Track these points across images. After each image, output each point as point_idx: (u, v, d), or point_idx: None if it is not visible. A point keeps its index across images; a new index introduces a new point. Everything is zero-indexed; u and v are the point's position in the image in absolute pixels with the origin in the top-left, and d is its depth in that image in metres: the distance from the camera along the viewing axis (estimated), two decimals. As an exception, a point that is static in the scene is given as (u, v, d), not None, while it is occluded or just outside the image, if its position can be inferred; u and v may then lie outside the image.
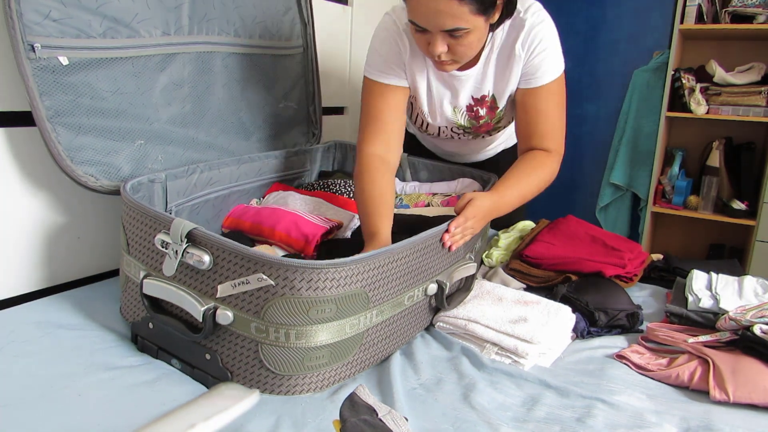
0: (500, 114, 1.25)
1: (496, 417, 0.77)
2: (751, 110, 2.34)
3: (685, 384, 0.86)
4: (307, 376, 0.80)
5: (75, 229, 1.14)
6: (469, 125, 1.27)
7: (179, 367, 0.85)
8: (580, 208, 3.11)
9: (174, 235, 0.80)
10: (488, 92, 1.20)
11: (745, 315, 0.94)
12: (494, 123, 1.28)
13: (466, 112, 1.25)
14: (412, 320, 0.95)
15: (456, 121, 1.27)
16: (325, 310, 0.77)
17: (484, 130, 1.30)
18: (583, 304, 1.05)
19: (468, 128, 1.28)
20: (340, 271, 0.77)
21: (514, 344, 0.91)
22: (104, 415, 0.73)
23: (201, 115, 1.23)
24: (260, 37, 1.35)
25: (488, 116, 1.25)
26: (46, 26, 0.93)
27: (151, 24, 1.09)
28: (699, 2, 2.34)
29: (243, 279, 0.75)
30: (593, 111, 2.98)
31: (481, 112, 1.24)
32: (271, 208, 1.19)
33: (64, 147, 0.97)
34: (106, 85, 1.03)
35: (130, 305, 0.94)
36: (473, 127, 1.28)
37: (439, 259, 0.96)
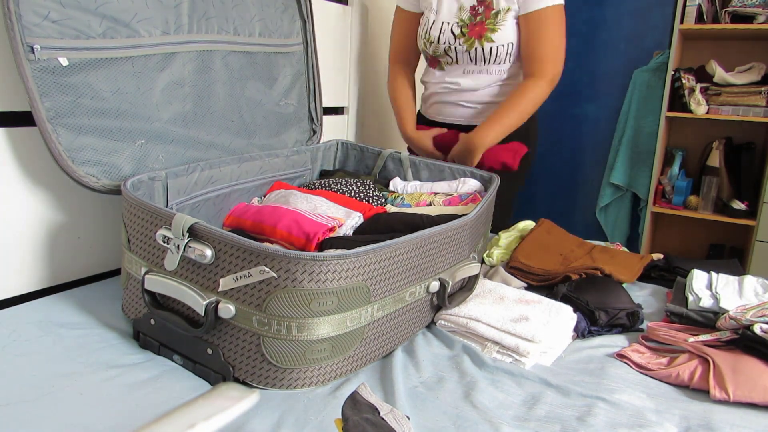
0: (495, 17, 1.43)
1: (497, 416, 0.77)
2: (751, 110, 2.34)
3: (686, 383, 0.86)
4: (309, 370, 0.81)
5: (76, 228, 1.14)
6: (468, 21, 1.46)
7: (181, 363, 0.85)
8: (580, 208, 3.11)
9: (176, 229, 0.80)
10: None
11: (746, 314, 0.94)
12: (488, 26, 1.44)
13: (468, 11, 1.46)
14: (414, 317, 0.96)
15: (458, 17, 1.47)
16: (327, 302, 0.77)
17: (477, 32, 1.45)
18: (584, 303, 1.05)
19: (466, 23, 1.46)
20: (342, 264, 0.77)
21: (516, 343, 0.91)
22: (106, 413, 0.73)
23: (202, 114, 1.23)
24: (260, 35, 1.36)
25: (483, 15, 1.44)
26: (45, 27, 0.93)
27: (150, 23, 1.09)
28: (699, 2, 2.34)
29: (245, 272, 0.76)
30: (593, 111, 2.98)
31: (480, 10, 1.44)
32: (272, 207, 1.19)
33: (65, 147, 0.97)
34: (107, 86, 1.03)
35: (131, 302, 0.94)
36: (470, 24, 1.45)
37: (442, 257, 0.96)
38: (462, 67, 1.53)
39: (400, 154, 1.51)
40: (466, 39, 1.46)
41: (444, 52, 1.51)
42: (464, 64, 1.52)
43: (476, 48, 1.46)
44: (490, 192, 1.23)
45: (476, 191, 1.39)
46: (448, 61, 1.53)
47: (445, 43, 1.49)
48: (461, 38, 1.47)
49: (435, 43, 1.50)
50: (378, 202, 1.36)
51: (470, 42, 1.46)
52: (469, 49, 1.47)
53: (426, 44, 1.54)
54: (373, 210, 1.28)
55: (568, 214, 3.14)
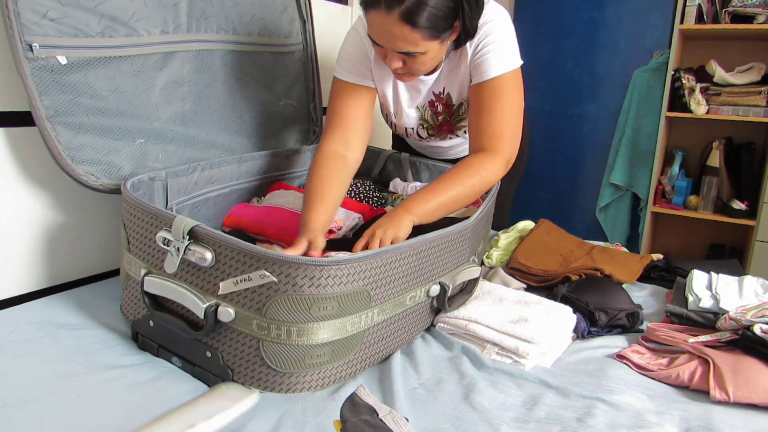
0: (457, 112, 1.27)
1: (496, 417, 0.77)
2: (751, 110, 2.34)
3: (686, 384, 0.86)
4: (308, 374, 0.80)
5: (75, 228, 1.14)
6: (432, 122, 1.31)
7: (180, 365, 0.85)
8: (580, 208, 3.11)
9: (176, 232, 0.80)
10: (443, 89, 1.24)
11: (746, 315, 0.94)
12: (455, 121, 1.30)
13: (428, 107, 1.29)
14: (414, 320, 0.95)
15: (421, 118, 1.31)
16: (327, 307, 0.77)
17: (446, 129, 1.32)
18: (584, 304, 1.05)
19: (431, 124, 1.32)
20: (343, 269, 0.77)
21: (515, 344, 0.91)
22: (105, 415, 0.73)
23: (201, 113, 1.23)
24: (259, 34, 1.35)
25: (446, 113, 1.28)
26: (43, 26, 0.92)
27: (149, 22, 1.09)
28: (699, 2, 2.34)
29: (245, 276, 0.75)
30: (593, 111, 2.98)
31: (438, 108, 1.28)
32: (271, 207, 1.19)
33: (64, 146, 0.97)
34: (106, 84, 1.03)
35: (130, 303, 0.94)
36: (435, 125, 1.32)
37: (442, 261, 0.96)
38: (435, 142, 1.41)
39: (400, 155, 1.51)
40: (437, 135, 1.35)
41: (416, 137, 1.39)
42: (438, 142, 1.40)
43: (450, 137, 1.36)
44: (490, 195, 1.23)
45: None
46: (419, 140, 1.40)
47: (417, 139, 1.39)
48: (432, 136, 1.35)
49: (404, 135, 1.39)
50: (378, 203, 1.35)
51: (443, 136, 1.36)
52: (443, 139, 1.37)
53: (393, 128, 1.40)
54: (372, 211, 1.28)
55: (568, 214, 3.14)
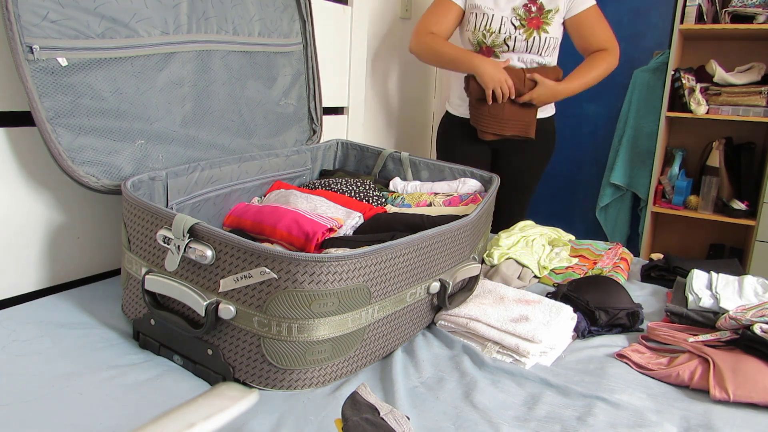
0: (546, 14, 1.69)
1: (497, 416, 0.77)
2: (751, 110, 2.34)
3: (686, 383, 0.86)
4: (309, 371, 0.81)
5: (76, 228, 1.14)
6: (524, 15, 1.68)
7: (181, 363, 0.85)
8: (580, 208, 3.11)
9: (176, 230, 0.80)
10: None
11: (746, 314, 0.94)
12: (543, 20, 1.68)
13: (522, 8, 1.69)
14: (414, 318, 0.95)
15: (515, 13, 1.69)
16: (327, 303, 0.77)
17: (535, 24, 1.68)
18: (584, 303, 1.05)
19: (524, 17, 1.68)
20: (343, 265, 0.77)
21: (516, 343, 0.91)
22: (106, 414, 0.73)
23: (201, 113, 1.23)
24: (259, 34, 1.35)
25: (537, 11, 1.68)
26: (44, 27, 0.93)
27: (149, 23, 1.09)
28: (699, 2, 2.34)
29: (246, 273, 0.75)
30: (593, 111, 2.98)
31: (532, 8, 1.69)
32: (272, 207, 1.19)
33: (65, 147, 0.97)
34: (106, 86, 1.03)
35: (131, 302, 0.94)
36: (527, 18, 1.68)
37: (442, 258, 0.96)
38: (517, 54, 1.71)
39: (400, 154, 1.51)
40: (525, 29, 1.68)
41: (503, 41, 1.70)
42: (519, 53, 1.71)
43: (534, 37, 1.68)
44: (490, 192, 1.23)
45: (476, 191, 1.39)
46: (504, 49, 1.71)
47: (506, 33, 1.69)
48: (521, 29, 1.68)
49: (496, 33, 1.69)
50: (378, 202, 1.36)
51: (530, 32, 1.68)
52: (528, 38, 1.69)
53: (485, 35, 1.70)
54: (373, 210, 1.28)
55: (568, 214, 3.14)
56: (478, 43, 1.74)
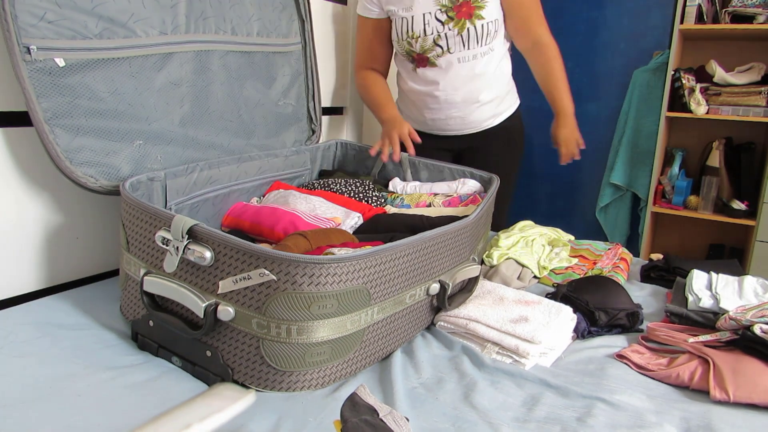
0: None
1: (496, 417, 0.77)
2: (751, 110, 2.34)
3: (686, 384, 0.86)
4: (308, 373, 0.80)
5: (74, 229, 1.14)
6: (450, 4, 1.41)
7: (180, 364, 0.85)
8: (580, 208, 3.10)
9: (175, 231, 0.80)
10: None
11: (746, 315, 0.93)
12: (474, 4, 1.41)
13: None
14: (413, 319, 0.95)
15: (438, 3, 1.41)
16: (327, 305, 0.77)
17: (465, 12, 1.41)
18: (584, 303, 1.05)
19: (450, 7, 1.41)
20: (342, 267, 0.77)
21: (515, 344, 0.91)
22: (104, 415, 0.72)
23: (200, 114, 1.23)
24: (258, 34, 1.35)
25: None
26: (41, 28, 0.92)
27: (147, 24, 1.08)
28: (699, 2, 2.34)
29: (245, 274, 0.75)
30: (593, 111, 2.98)
31: None
32: (270, 208, 1.19)
33: (63, 148, 0.97)
34: (104, 86, 1.03)
35: (130, 303, 0.94)
36: (454, 6, 1.41)
37: (442, 260, 0.96)
38: (456, 55, 1.46)
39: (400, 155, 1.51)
40: (455, 22, 1.41)
41: (433, 42, 1.43)
42: (457, 51, 1.45)
43: (468, 29, 1.42)
44: (489, 193, 1.23)
45: (476, 192, 1.38)
46: (439, 52, 1.45)
47: (433, 32, 1.42)
48: (450, 23, 1.41)
49: (422, 36, 1.42)
50: (377, 202, 1.35)
51: (461, 24, 1.41)
52: (460, 31, 1.42)
53: (411, 42, 1.45)
54: (372, 210, 1.28)
55: (568, 214, 3.14)
56: (407, 53, 1.50)
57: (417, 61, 1.51)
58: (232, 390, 0.79)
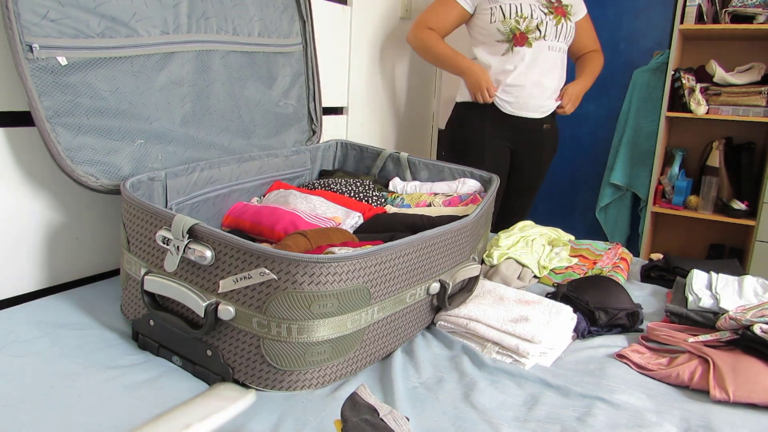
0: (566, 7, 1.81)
1: (496, 416, 0.77)
2: (751, 110, 2.34)
3: (686, 383, 0.86)
4: (309, 372, 0.80)
5: (75, 228, 1.14)
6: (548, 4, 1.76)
7: (180, 364, 0.85)
8: (580, 208, 3.10)
9: (175, 230, 0.80)
10: None
11: (746, 314, 0.93)
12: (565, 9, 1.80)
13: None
14: (414, 318, 0.95)
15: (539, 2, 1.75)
16: (327, 304, 0.77)
17: (561, 11, 1.79)
18: (584, 303, 1.05)
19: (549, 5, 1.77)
20: (342, 266, 0.77)
21: (515, 343, 0.91)
22: (105, 414, 0.73)
23: (201, 113, 1.23)
24: (259, 34, 1.35)
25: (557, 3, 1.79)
26: (43, 26, 0.92)
27: (149, 23, 1.09)
28: (699, 2, 2.34)
29: (245, 274, 0.75)
30: (593, 111, 2.98)
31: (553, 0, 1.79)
32: (270, 207, 1.19)
33: (64, 147, 0.97)
34: (106, 85, 1.03)
35: (130, 303, 0.94)
36: (552, 6, 1.77)
37: (442, 259, 0.96)
38: (548, 42, 1.77)
39: (399, 154, 1.51)
40: (554, 15, 1.76)
41: (536, 26, 1.74)
42: (549, 39, 1.77)
43: (562, 24, 1.77)
44: (489, 193, 1.23)
45: (476, 192, 1.38)
46: (537, 36, 1.74)
47: (537, 18, 1.74)
48: (550, 15, 1.76)
49: (529, 18, 1.73)
50: (377, 202, 1.36)
51: (558, 18, 1.77)
52: (557, 23, 1.77)
53: (518, 21, 1.73)
54: (372, 210, 1.28)
55: (568, 214, 3.14)
56: (510, 31, 1.75)
57: (517, 39, 1.75)
58: (232, 390, 0.79)
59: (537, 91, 1.80)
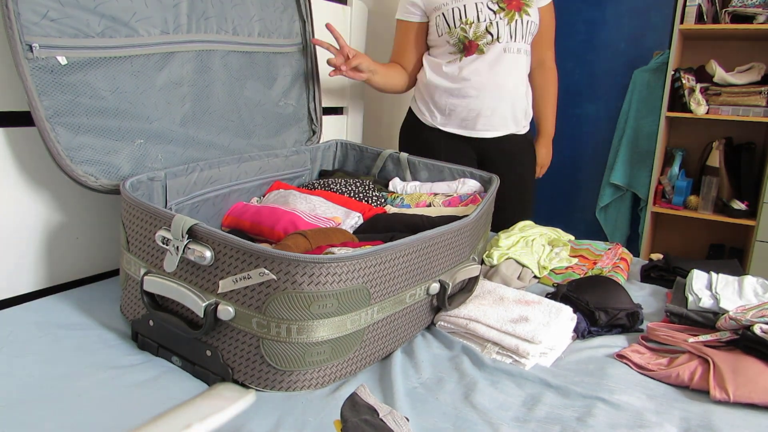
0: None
1: (496, 416, 0.77)
2: (751, 110, 2.34)
3: (686, 383, 0.86)
4: (308, 372, 0.80)
5: (74, 228, 1.14)
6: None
7: (180, 364, 0.85)
8: (580, 208, 3.10)
9: (175, 231, 0.80)
10: None
11: (746, 315, 0.93)
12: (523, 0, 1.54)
13: None
14: (413, 319, 0.95)
15: None
16: (327, 305, 0.77)
17: (515, 4, 1.53)
18: (584, 303, 1.05)
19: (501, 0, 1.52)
20: (342, 266, 0.77)
21: (515, 344, 0.91)
22: (105, 415, 0.73)
23: (201, 113, 1.23)
24: (259, 34, 1.35)
25: None
26: (43, 26, 0.92)
27: (149, 23, 1.09)
28: (699, 2, 2.34)
29: (244, 274, 0.75)
30: (593, 111, 2.98)
31: None
32: (270, 207, 1.19)
33: (64, 146, 0.97)
34: (105, 85, 1.03)
35: (130, 303, 0.94)
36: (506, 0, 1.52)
37: (442, 259, 0.96)
38: (503, 44, 1.55)
39: (399, 155, 1.51)
40: (506, 12, 1.52)
41: (485, 30, 1.52)
42: (505, 42, 1.54)
43: (516, 20, 1.53)
44: (489, 193, 1.23)
45: (476, 192, 1.38)
46: (489, 40, 1.53)
47: (485, 19, 1.52)
48: (501, 12, 1.52)
49: (476, 22, 1.51)
50: (377, 202, 1.36)
51: (511, 15, 1.53)
52: (510, 21, 1.53)
53: (464, 30, 1.52)
54: (372, 210, 1.28)
55: (568, 214, 3.14)
56: (459, 41, 1.55)
57: (467, 49, 1.56)
58: (232, 390, 0.78)
59: (493, 102, 1.58)
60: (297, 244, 0.96)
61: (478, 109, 1.59)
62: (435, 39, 1.60)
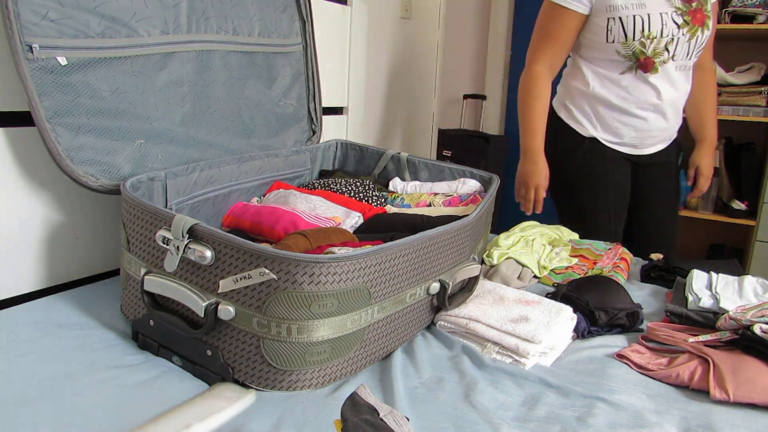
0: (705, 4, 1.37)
1: (496, 416, 0.77)
2: (751, 110, 2.34)
3: (686, 383, 0.86)
4: (308, 372, 0.80)
5: (74, 228, 1.14)
6: (685, 8, 1.33)
7: (180, 364, 0.85)
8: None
9: (175, 230, 0.80)
10: None
11: (746, 314, 0.94)
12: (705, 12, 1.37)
13: None
14: (414, 318, 0.95)
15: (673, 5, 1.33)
16: (327, 304, 0.77)
17: (699, 19, 1.35)
18: (584, 303, 1.05)
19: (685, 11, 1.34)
20: (342, 266, 0.77)
21: (515, 343, 0.91)
22: (105, 415, 0.73)
23: (201, 113, 1.23)
24: (259, 34, 1.35)
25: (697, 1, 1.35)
26: (43, 27, 0.92)
27: (149, 23, 1.09)
28: (699, 2, 2.34)
29: (245, 273, 0.75)
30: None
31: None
32: (270, 207, 1.19)
33: (64, 147, 0.97)
34: (105, 85, 1.03)
35: (130, 303, 0.94)
36: (690, 11, 1.34)
37: (442, 259, 0.96)
38: (675, 63, 1.38)
39: (399, 155, 1.51)
40: (690, 28, 1.34)
41: (665, 47, 1.34)
42: (679, 59, 1.38)
43: (697, 37, 1.36)
44: (490, 193, 1.23)
45: (476, 192, 1.39)
46: (665, 58, 1.36)
47: (668, 35, 1.33)
48: (684, 27, 1.33)
49: (658, 38, 1.32)
50: (377, 202, 1.36)
51: (694, 30, 1.35)
52: (691, 38, 1.36)
53: (644, 44, 1.33)
54: (372, 210, 1.28)
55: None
56: (633, 55, 1.35)
57: (641, 66, 1.38)
58: (232, 390, 0.79)
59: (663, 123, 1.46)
60: (297, 244, 0.96)
61: (648, 130, 1.48)
62: (598, 42, 1.39)
